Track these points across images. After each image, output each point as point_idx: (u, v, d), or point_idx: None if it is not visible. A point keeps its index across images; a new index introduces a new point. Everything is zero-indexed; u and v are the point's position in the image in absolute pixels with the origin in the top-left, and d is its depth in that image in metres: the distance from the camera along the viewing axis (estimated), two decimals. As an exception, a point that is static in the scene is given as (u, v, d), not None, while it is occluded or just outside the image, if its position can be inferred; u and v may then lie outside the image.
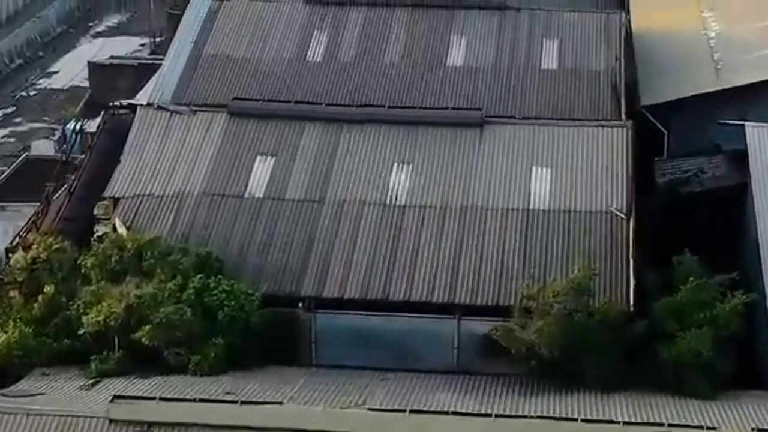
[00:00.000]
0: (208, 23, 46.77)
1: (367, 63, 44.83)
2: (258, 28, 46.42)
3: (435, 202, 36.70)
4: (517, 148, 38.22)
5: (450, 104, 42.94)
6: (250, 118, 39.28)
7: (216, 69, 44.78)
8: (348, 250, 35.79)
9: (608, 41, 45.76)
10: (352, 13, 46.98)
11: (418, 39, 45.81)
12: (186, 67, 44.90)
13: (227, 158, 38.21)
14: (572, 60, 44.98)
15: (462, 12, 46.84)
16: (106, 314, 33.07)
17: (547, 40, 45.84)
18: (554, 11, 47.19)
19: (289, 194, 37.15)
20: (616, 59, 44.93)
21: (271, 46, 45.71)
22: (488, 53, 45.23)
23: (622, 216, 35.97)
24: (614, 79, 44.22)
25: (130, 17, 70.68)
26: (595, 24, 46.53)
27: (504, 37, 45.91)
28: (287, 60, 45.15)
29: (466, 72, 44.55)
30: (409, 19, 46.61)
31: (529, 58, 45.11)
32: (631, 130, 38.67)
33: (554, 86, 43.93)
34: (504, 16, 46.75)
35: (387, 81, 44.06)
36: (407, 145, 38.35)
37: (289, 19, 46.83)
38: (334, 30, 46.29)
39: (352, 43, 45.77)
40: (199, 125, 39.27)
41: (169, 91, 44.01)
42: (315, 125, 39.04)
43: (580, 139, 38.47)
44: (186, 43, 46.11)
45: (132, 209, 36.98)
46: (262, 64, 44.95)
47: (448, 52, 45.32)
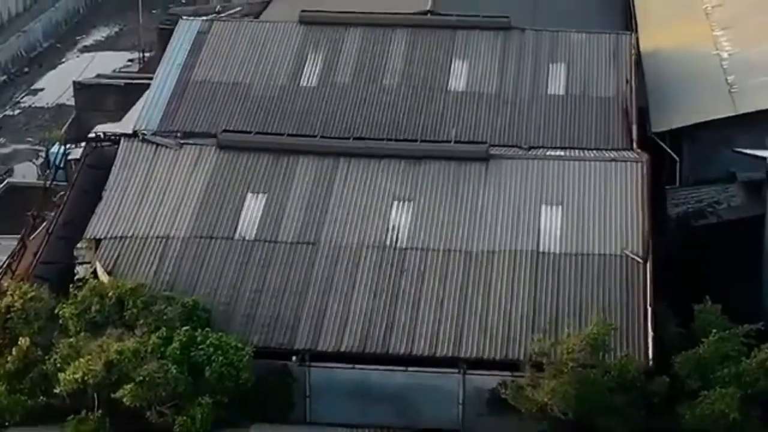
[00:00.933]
0: (197, 45, 43.99)
1: (365, 87, 42.05)
2: (250, 51, 43.65)
3: (438, 244, 33.87)
4: (525, 185, 35.39)
5: (452, 132, 40.25)
6: (240, 152, 36.43)
7: (205, 95, 42.00)
8: (345, 298, 32.95)
9: (618, 64, 43.02)
10: (349, 34, 44.23)
11: (418, 61, 43.06)
12: (173, 93, 42.13)
13: (216, 196, 35.35)
14: (580, 85, 42.24)
15: (464, 33, 44.05)
16: (85, 371, 30.30)
17: (553, 64, 43.09)
18: (560, 32, 44.45)
19: (281, 236, 34.31)
20: (626, 83, 42.28)
21: (263, 69, 42.94)
22: (492, 77, 42.47)
23: (638, 260, 33.20)
24: (625, 105, 41.56)
25: (118, 31, 67.71)
26: (604, 46, 43.77)
27: (508, 60, 43.16)
28: (280, 85, 42.36)
29: (469, 97, 41.79)
30: (408, 40, 43.86)
31: (534, 82, 42.37)
32: (646, 165, 35.87)
33: (562, 113, 41.20)
34: (508, 37, 43.99)
35: (385, 107, 41.31)
36: (408, 182, 35.51)
37: (283, 40, 44.07)
38: (329, 52, 43.52)
39: (348, 65, 43.02)
40: (186, 159, 36.43)
41: (156, 119, 41.27)
42: (309, 159, 36.18)
43: (591, 174, 35.64)
44: (174, 66, 43.33)
45: (114, 252, 34.16)
46: (254, 90, 42.16)
47: (449, 76, 42.54)
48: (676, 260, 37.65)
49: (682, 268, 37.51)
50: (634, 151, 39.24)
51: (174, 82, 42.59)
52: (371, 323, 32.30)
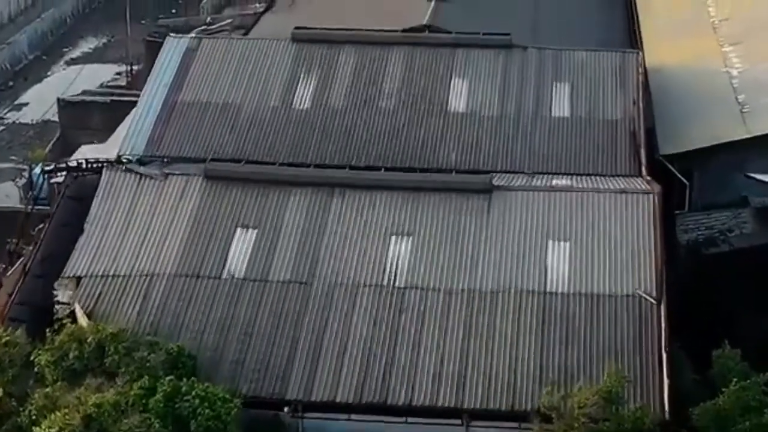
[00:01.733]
0: (185, 64, 41.62)
1: (360, 110, 39.71)
2: (240, 71, 41.26)
3: (439, 283, 31.53)
4: (531, 219, 32.98)
5: (452, 156, 38.08)
6: (229, 183, 33.98)
7: (193, 117, 39.63)
8: (340, 342, 30.51)
9: (624, 84, 40.68)
10: (343, 53, 41.86)
11: (416, 82, 40.69)
12: (160, 115, 39.79)
13: (203, 231, 32.94)
14: (586, 106, 39.91)
15: (463, 51, 41.68)
16: (61, 425, 27.93)
17: (557, 84, 40.77)
18: (564, 50, 42.12)
19: (273, 275, 31.89)
20: (633, 105, 40.00)
21: (254, 90, 40.57)
22: (493, 98, 40.14)
23: (652, 301, 30.93)
24: (632, 127, 39.29)
25: (106, 42, 65.20)
26: (610, 65, 41.41)
27: (510, 79, 40.82)
28: (272, 107, 40.02)
29: (469, 119, 39.45)
30: (405, 59, 41.50)
31: (538, 104, 40.05)
32: (658, 197, 33.55)
33: (566, 136, 38.86)
34: (509, 55, 41.65)
35: (382, 131, 38.95)
36: (407, 215, 33.09)
37: (274, 59, 41.70)
38: (323, 71, 41.16)
39: (342, 86, 40.66)
40: (172, 191, 34.01)
41: (141, 143, 38.93)
42: (302, 191, 33.77)
43: (600, 207, 33.23)
44: (160, 86, 40.95)
45: (95, 292, 31.78)
46: (244, 112, 39.82)
47: (448, 97, 40.20)
48: (687, 290, 35.48)
49: (692, 296, 35.36)
50: (643, 177, 36.96)
51: (160, 104, 40.25)
52: (368, 370, 29.95)
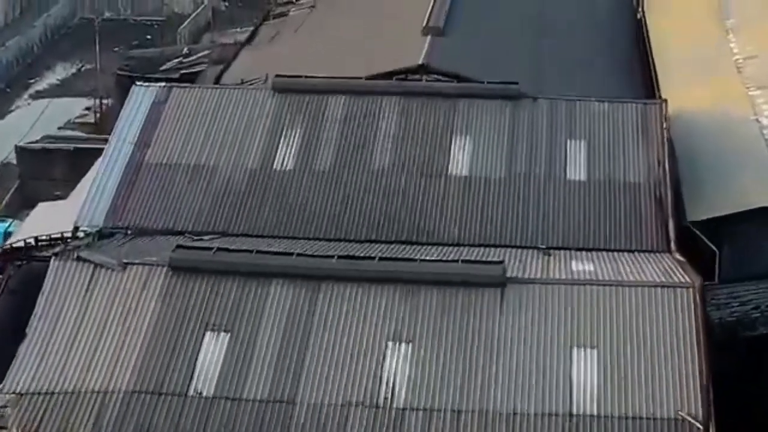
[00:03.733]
0: (153, 118, 35.98)
1: (350, 173, 34.07)
2: (214, 126, 35.62)
3: (444, 403, 25.70)
4: (552, 320, 27.14)
5: (455, 229, 32.76)
6: (198, 275, 28.28)
7: (161, 181, 34.04)
8: (328, 481, 25.22)
9: (647, 141, 35.17)
10: (332, 104, 36.26)
11: (412, 139, 35.07)
12: (123, 179, 34.14)
13: (167, 336, 27.08)
14: (605, 168, 34.35)
15: (465, 103, 36.08)
16: None
17: (572, 141, 35.23)
18: (579, 101, 36.52)
19: (248, 392, 25.97)
20: (658, 165, 34.59)
21: (230, 149, 34.93)
22: (500, 159, 34.57)
23: (698, 425, 25.46)
24: (658, 192, 33.89)
25: (75, 73, 59.30)
26: (631, 117, 35.88)
27: (519, 136, 35.27)
28: (250, 169, 34.46)
29: (473, 184, 33.87)
30: (401, 112, 35.90)
31: (550, 165, 34.46)
32: (699, 291, 28.07)
33: (584, 204, 33.32)
34: (517, 107, 36.08)
35: (374, 200, 33.31)
36: (406, 316, 27.30)
37: (254, 112, 36.07)
38: (308, 127, 35.53)
39: (330, 144, 35.05)
40: (131, 285, 28.23)
41: (101, 213, 33.32)
42: (283, 285, 27.97)
43: (632, 305, 27.43)
44: (124, 144, 35.32)
45: (37, 412, 25.93)
46: (219, 175, 34.18)
47: (449, 158, 34.64)
48: (722, 381, 30.09)
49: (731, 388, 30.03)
50: (672, 254, 31.60)
51: (124, 165, 34.63)
52: None
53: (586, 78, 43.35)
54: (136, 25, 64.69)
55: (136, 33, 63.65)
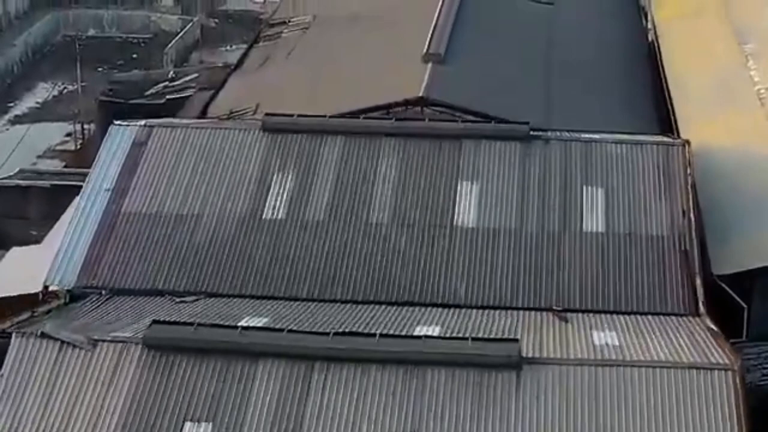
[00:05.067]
0: (132, 161, 32.51)
1: (346, 226, 30.58)
2: (199, 170, 32.15)
3: (455, 507, 22.70)
4: (573, 406, 23.61)
5: (461, 289, 29.32)
6: (176, 355, 24.82)
7: (139, 234, 30.54)
8: None
9: (670, 187, 31.70)
10: (326, 146, 32.77)
11: (414, 185, 31.60)
12: (98, 232, 30.63)
13: (140, 427, 23.84)
14: (624, 218, 30.86)
15: (472, 144, 32.66)
16: None
17: (588, 188, 31.73)
18: (594, 142, 33.08)
19: (232, 495, 23.01)
20: (683, 215, 31.21)
21: (216, 196, 31.45)
22: (510, 209, 31.09)
23: None
24: (683, 245, 30.49)
25: (57, 96, 55.58)
26: (651, 161, 32.40)
27: (530, 182, 31.80)
28: (237, 218, 31.02)
29: (481, 237, 30.39)
30: (401, 154, 32.45)
31: (565, 215, 30.98)
32: (740, 373, 24.64)
33: (602, 260, 29.83)
34: (528, 149, 32.62)
35: (372, 255, 29.91)
36: (410, 401, 23.75)
37: (242, 154, 32.64)
38: (301, 172, 32.04)
39: (324, 192, 31.58)
40: (101, 365, 24.53)
41: (74, 270, 29.84)
42: (272, 366, 24.31)
43: (663, 388, 23.99)
44: (100, 192, 31.88)
45: None
46: (204, 226, 30.69)
47: (455, 207, 31.12)
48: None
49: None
50: (701, 318, 28.28)
51: (100, 216, 31.12)
52: None
53: (598, 109, 40.09)
54: (121, 43, 61.07)
55: (122, 51, 60.01)
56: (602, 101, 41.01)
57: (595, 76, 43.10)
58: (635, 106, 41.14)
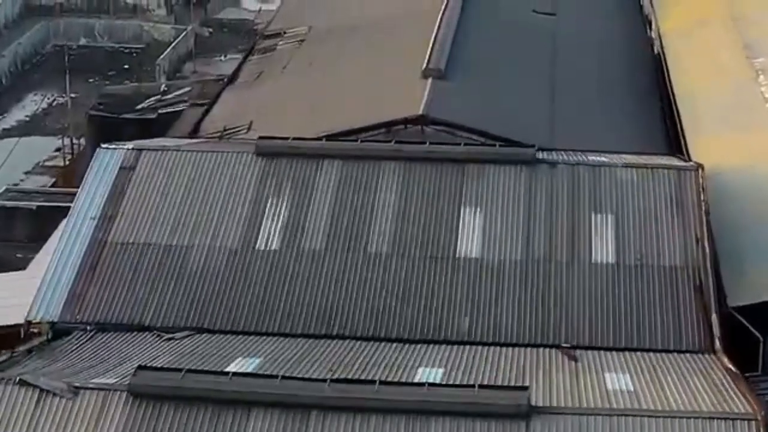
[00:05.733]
0: (119, 187, 30.75)
1: (344, 256, 28.90)
2: (190, 197, 30.42)
3: None
4: None
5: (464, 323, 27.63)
6: (163, 404, 23.21)
7: (126, 267, 28.83)
8: None
9: (684, 215, 29.99)
10: (323, 170, 31.07)
11: (415, 213, 29.89)
12: (83, 263, 28.90)
13: (125, 484, 22.32)
14: (636, 248, 29.09)
15: (476, 168, 31.03)
16: None
17: (598, 215, 30.05)
18: (603, 167, 31.47)
19: None
20: (697, 244, 29.53)
21: (207, 226, 29.70)
22: (516, 238, 29.40)
23: None
24: (698, 278, 28.84)
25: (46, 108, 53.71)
26: (663, 186, 30.68)
27: (537, 210, 30.09)
28: (229, 249, 29.32)
29: (486, 269, 28.68)
30: (402, 180, 30.76)
31: (574, 244, 29.28)
32: (763, 423, 22.94)
33: (613, 292, 28.15)
34: (534, 174, 30.95)
35: (372, 288, 28.22)
36: None
37: (234, 180, 30.92)
38: (296, 199, 30.35)
39: (321, 220, 29.89)
40: (83, 415, 22.79)
41: (58, 302, 28.13)
42: (265, 415, 22.61)
43: None
44: (86, 221, 30.17)
45: None
46: (194, 257, 28.95)
47: (458, 237, 29.47)
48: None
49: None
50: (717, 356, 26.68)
51: (85, 246, 29.41)
52: None
53: (604, 126, 38.49)
54: (113, 53, 59.19)
55: (114, 61, 58.16)
56: (608, 117, 39.38)
57: (601, 90, 41.52)
58: (642, 123, 39.50)
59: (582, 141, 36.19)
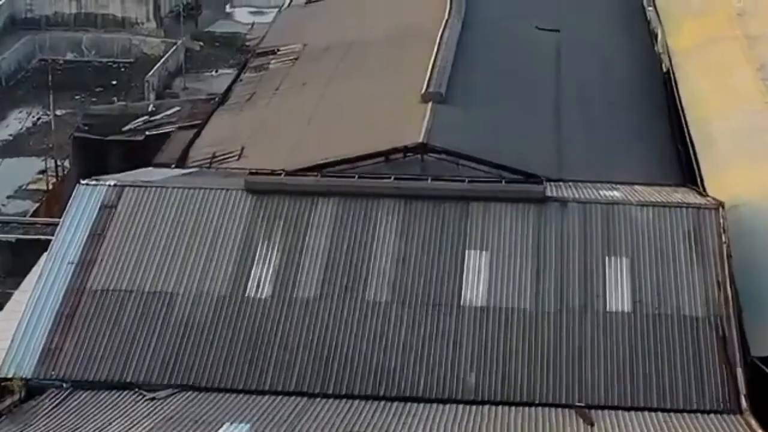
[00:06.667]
0: (99, 228, 28.43)
1: (340, 305, 26.59)
2: (175, 238, 28.09)
3: None
4: None
5: (470, 380, 25.37)
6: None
7: (106, 316, 26.55)
8: None
9: (704, 258, 27.66)
10: (318, 209, 28.77)
11: (416, 256, 27.64)
12: (59, 313, 26.65)
13: None
14: (653, 295, 26.80)
15: (481, 207, 28.76)
16: None
17: (612, 259, 27.77)
18: (617, 205, 29.13)
19: None
20: (719, 290, 27.25)
21: (193, 269, 27.43)
22: (525, 284, 27.11)
23: None
24: (721, 329, 26.58)
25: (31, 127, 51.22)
26: (681, 226, 28.34)
27: (547, 253, 27.77)
28: (217, 296, 27.08)
29: (493, 319, 26.42)
30: (402, 219, 28.45)
31: (587, 292, 26.96)
32: None
33: (629, 346, 25.80)
34: (543, 213, 28.61)
35: (370, 341, 26.03)
36: None
37: (223, 220, 28.59)
38: (289, 240, 28.06)
39: (316, 265, 27.59)
40: None
41: (32, 357, 25.97)
42: None
43: None
44: (63, 264, 27.90)
45: None
46: (179, 307, 26.65)
47: (463, 283, 27.20)
48: None
49: None
50: (744, 417, 24.55)
51: (62, 294, 27.17)
52: None
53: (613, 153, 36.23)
54: (101, 68, 56.72)
55: (101, 77, 55.67)
56: (616, 142, 37.10)
57: (608, 112, 39.26)
58: (652, 148, 37.24)
59: (590, 168, 34.16)
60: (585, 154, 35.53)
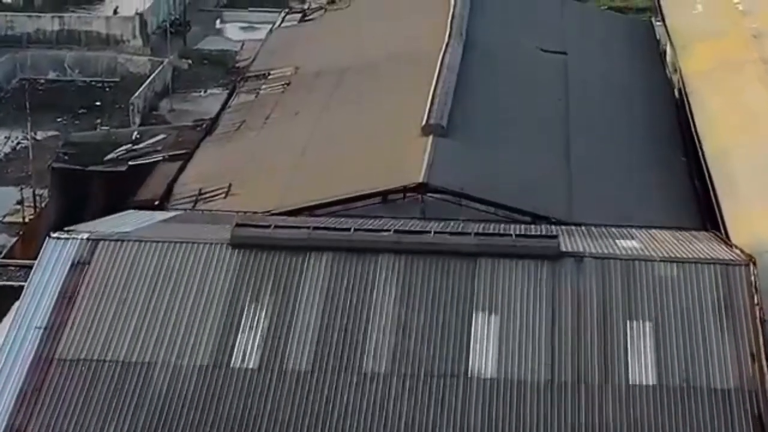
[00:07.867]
0: (70, 288, 25.43)
1: (336, 378, 23.78)
2: (153, 300, 25.16)
3: None
4: None
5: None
6: None
7: (77, 390, 23.59)
8: None
9: (735, 322, 24.81)
10: (310, 267, 25.86)
11: (418, 321, 24.74)
12: (25, 384, 23.71)
13: None
14: (680, 365, 23.95)
15: (490, 263, 25.85)
16: None
17: (634, 324, 24.92)
18: (638, 261, 26.17)
19: None
20: (753, 361, 24.43)
21: (173, 338, 24.64)
22: (539, 351, 24.25)
23: None
24: (755, 404, 23.74)
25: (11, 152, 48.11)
26: (709, 287, 25.39)
27: (563, 316, 24.86)
28: (199, 367, 24.15)
29: (503, 392, 23.50)
30: (402, 278, 25.48)
31: (607, 361, 24.11)
32: None
33: (656, 424, 23.22)
34: (558, 271, 25.67)
35: (368, 417, 23.16)
36: None
37: (207, 278, 25.61)
38: (279, 302, 25.17)
39: (309, 332, 24.70)
40: None
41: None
42: None
43: None
44: (30, 330, 25.00)
45: None
46: (157, 379, 23.73)
47: (470, 350, 24.36)
48: None
49: None
50: None
51: (27, 364, 24.25)
52: None
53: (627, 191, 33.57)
54: (84, 88, 53.65)
55: (85, 97, 52.62)
56: (630, 180, 34.44)
57: (620, 146, 36.57)
58: (669, 186, 34.57)
59: (602, 208, 31.63)
60: (596, 192, 32.94)
